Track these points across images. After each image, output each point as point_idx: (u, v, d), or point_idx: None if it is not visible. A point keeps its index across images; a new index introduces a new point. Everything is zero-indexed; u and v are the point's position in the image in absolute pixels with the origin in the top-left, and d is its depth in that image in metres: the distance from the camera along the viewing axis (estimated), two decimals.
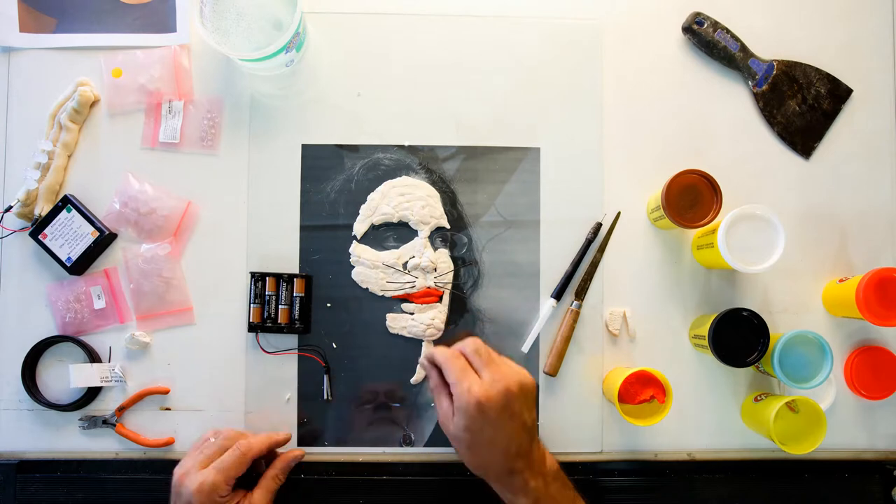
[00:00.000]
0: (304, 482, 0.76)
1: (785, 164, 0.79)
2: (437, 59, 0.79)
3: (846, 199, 0.79)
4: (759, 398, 0.74)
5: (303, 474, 0.76)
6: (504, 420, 0.63)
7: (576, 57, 0.79)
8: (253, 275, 0.76)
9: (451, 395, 0.65)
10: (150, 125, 0.77)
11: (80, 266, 0.75)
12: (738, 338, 0.71)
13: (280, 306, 0.76)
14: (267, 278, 0.76)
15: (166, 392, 0.76)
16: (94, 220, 0.75)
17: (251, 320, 0.76)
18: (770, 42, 0.79)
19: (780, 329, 0.75)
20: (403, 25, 0.79)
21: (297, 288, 0.76)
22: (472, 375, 0.64)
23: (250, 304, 0.76)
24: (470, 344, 0.67)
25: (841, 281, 0.76)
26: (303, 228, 0.77)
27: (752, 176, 0.79)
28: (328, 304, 0.77)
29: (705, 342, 0.72)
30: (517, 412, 0.64)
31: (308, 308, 0.76)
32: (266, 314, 0.76)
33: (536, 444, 0.66)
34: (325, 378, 0.76)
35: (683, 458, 0.77)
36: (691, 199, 0.71)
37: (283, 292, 0.76)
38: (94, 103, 0.77)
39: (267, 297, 0.76)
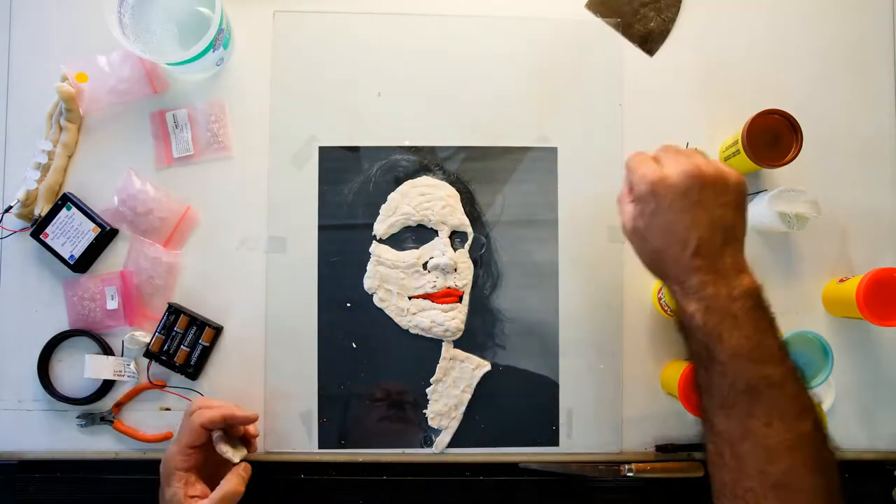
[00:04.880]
0: (305, 482, 0.76)
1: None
2: (455, 58, 0.79)
3: (846, 199, 0.79)
4: None
5: (303, 474, 0.76)
6: (684, 206, 0.55)
7: (594, 54, 0.79)
8: (170, 306, 0.75)
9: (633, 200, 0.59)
10: (161, 145, 0.77)
11: (83, 263, 0.75)
12: None
13: (182, 346, 0.75)
14: (181, 315, 0.75)
15: (163, 386, 0.76)
16: (94, 216, 0.75)
17: (150, 347, 0.75)
18: (770, 42, 0.80)
19: (781, 329, 0.75)
20: (421, 24, 0.79)
21: (205, 337, 0.75)
22: (650, 163, 0.58)
23: (156, 332, 0.75)
24: (661, 146, 0.61)
25: (841, 281, 0.76)
26: (321, 229, 0.77)
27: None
28: (348, 305, 0.77)
29: None
30: (704, 202, 0.55)
31: (206, 358, 0.76)
32: (165, 347, 0.75)
33: (733, 252, 0.56)
34: None
35: (683, 457, 0.77)
36: (771, 139, 0.72)
37: (191, 335, 0.75)
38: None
39: (174, 333, 0.75)
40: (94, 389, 0.75)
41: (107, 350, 0.75)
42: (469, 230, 0.77)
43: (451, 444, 0.76)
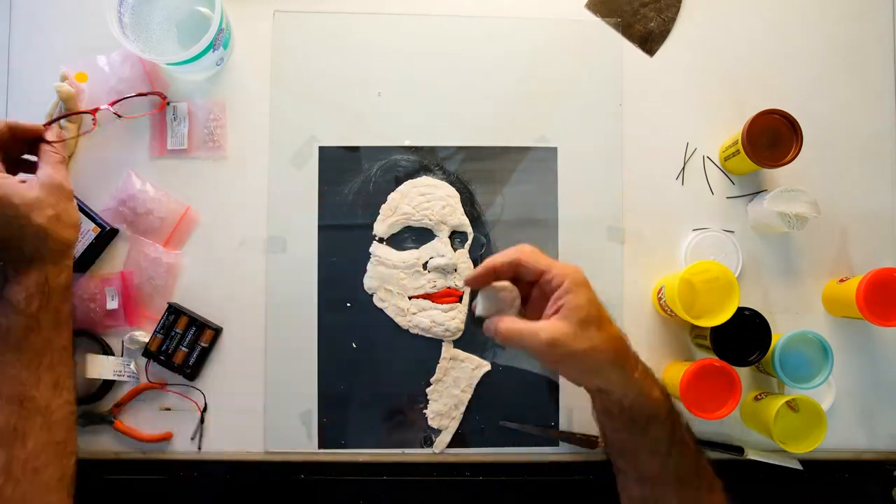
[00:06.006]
0: (305, 482, 0.76)
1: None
2: (455, 58, 0.79)
3: (846, 199, 0.79)
4: (759, 397, 0.74)
5: (303, 474, 0.76)
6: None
7: (594, 54, 0.79)
8: (170, 306, 0.75)
9: (524, 314, 0.61)
10: (157, 135, 0.77)
11: (83, 263, 0.75)
12: (740, 337, 0.71)
13: (181, 347, 0.75)
14: (181, 315, 0.75)
15: (162, 385, 0.76)
16: (94, 216, 0.75)
17: (148, 346, 0.75)
18: (770, 42, 0.80)
19: (781, 329, 0.76)
20: (421, 24, 0.79)
21: (205, 338, 0.75)
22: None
23: (155, 332, 0.75)
24: (524, 249, 0.59)
25: (841, 281, 0.76)
26: (321, 229, 0.77)
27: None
28: (348, 305, 0.77)
29: (707, 341, 0.72)
30: None
31: (204, 359, 0.76)
32: (164, 347, 0.75)
33: None
34: (200, 426, 0.76)
35: None
36: (771, 139, 0.72)
37: (190, 336, 0.75)
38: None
39: (173, 333, 0.75)
40: (94, 389, 0.75)
41: (107, 350, 0.75)
42: (469, 230, 0.77)
43: (451, 444, 0.76)
